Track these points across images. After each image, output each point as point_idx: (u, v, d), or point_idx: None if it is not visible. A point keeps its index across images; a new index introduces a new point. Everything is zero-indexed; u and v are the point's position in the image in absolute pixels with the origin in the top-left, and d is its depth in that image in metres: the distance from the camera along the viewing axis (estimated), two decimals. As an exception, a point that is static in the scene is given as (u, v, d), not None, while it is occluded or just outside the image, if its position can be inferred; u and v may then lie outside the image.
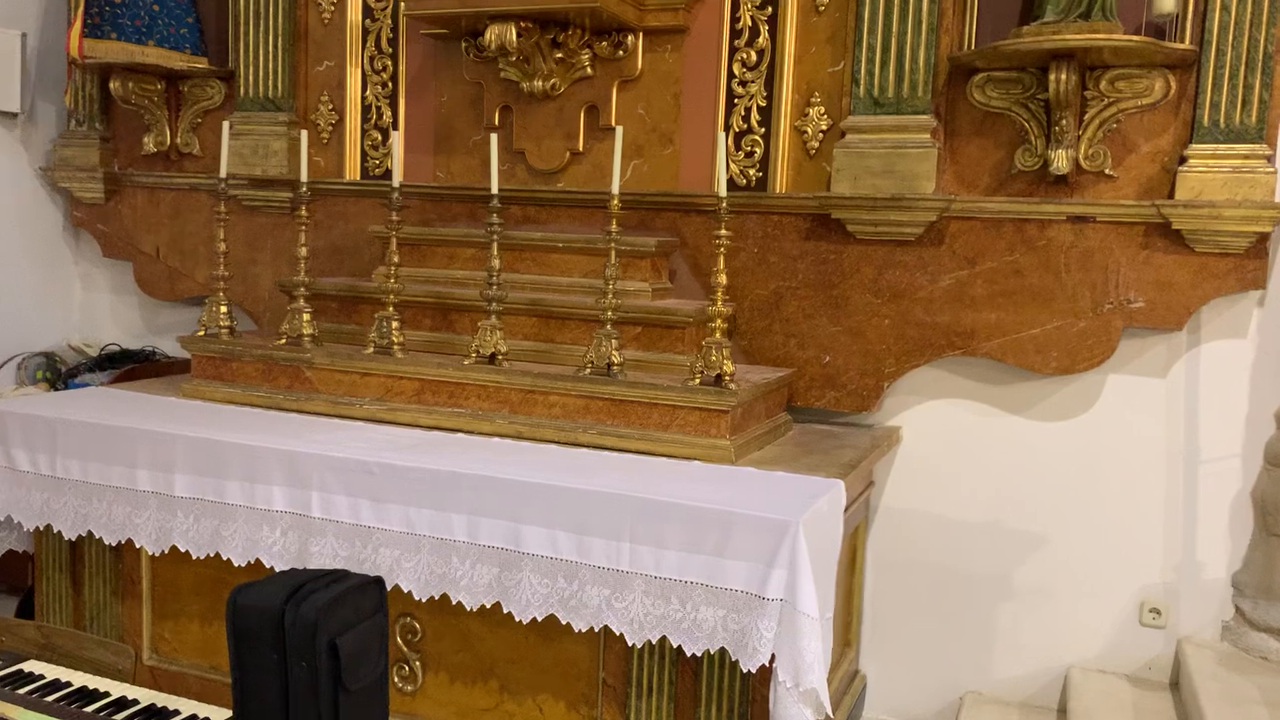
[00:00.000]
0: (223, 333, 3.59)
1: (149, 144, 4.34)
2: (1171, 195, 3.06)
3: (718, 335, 2.98)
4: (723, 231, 2.95)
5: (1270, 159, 2.97)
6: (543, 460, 2.87)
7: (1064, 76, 2.99)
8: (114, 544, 3.24)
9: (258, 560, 2.94)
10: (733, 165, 3.57)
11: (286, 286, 3.60)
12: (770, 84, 3.53)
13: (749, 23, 3.53)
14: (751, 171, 3.58)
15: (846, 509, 2.82)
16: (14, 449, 3.23)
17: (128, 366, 4.20)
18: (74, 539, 3.22)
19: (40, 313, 4.58)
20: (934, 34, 3.23)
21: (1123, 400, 3.30)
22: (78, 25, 4.00)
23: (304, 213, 3.50)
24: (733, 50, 3.57)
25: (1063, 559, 3.39)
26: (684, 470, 2.82)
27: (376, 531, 2.81)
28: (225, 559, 2.97)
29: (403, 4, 3.84)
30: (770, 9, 3.50)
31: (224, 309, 3.60)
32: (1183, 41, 3.03)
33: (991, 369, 3.41)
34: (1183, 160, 3.05)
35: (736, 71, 3.57)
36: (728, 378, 2.96)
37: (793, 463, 2.97)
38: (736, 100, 3.57)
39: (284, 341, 3.48)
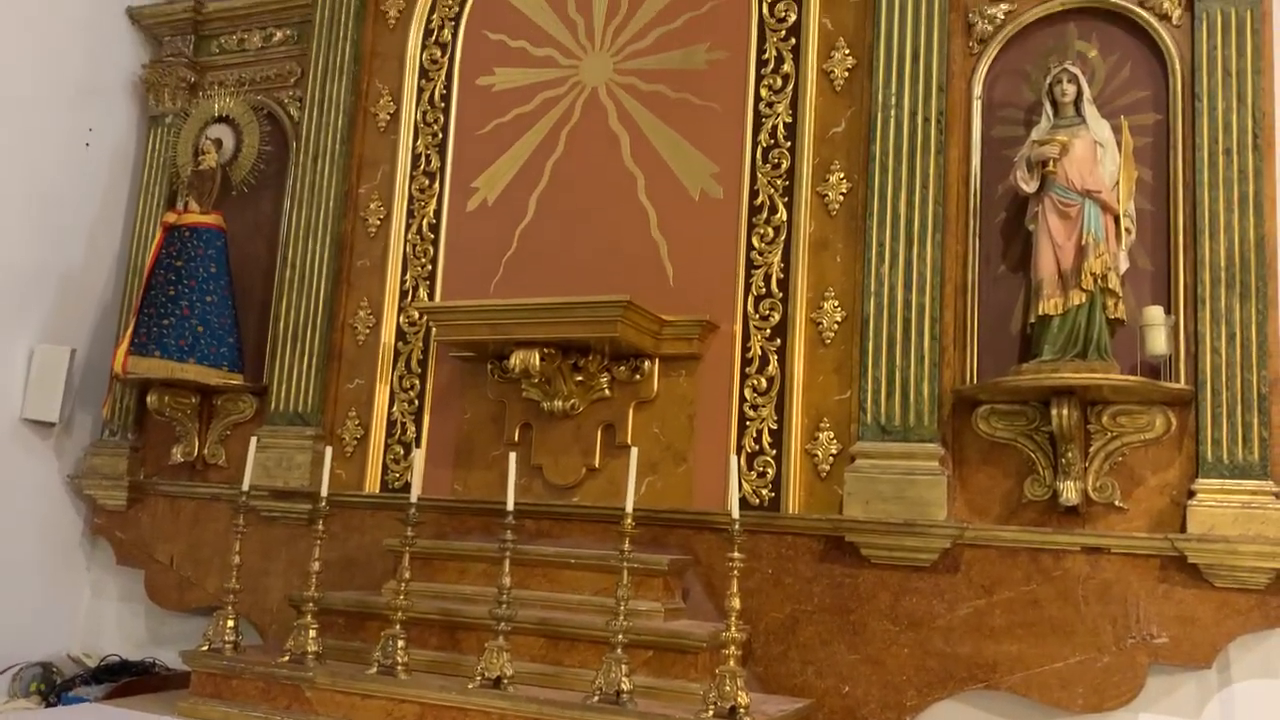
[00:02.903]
0: (227, 648, 3.52)
1: (177, 454, 4.47)
2: (1183, 529, 3.06)
3: (731, 663, 2.90)
4: (736, 554, 2.95)
5: (1278, 495, 2.99)
6: (546, 800, 2.70)
7: (1065, 412, 3.09)
8: None
9: None
10: (745, 485, 3.62)
11: (296, 601, 3.57)
12: (781, 408, 3.64)
13: (759, 352, 3.71)
14: (764, 491, 3.62)
15: None
16: (-7, 773, 3.09)
17: (125, 680, 4.08)
18: None
19: (46, 620, 4.53)
20: (936, 368, 3.37)
21: (1158, 743, 3.13)
22: (125, 344, 4.25)
23: (320, 528, 3.54)
24: (744, 376, 3.72)
25: None
26: (695, 815, 2.65)
27: None
28: None
29: (435, 329, 4.07)
30: (779, 340, 3.68)
31: (230, 623, 3.56)
32: (1178, 381, 3.15)
33: (1017, 704, 3.26)
34: (1191, 494, 3.08)
35: (748, 396, 3.70)
36: (743, 710, 2.85)
37: (811, 807, 2.79)
38: (748, 423, 3.68)
39: (287, 659, 3.40)
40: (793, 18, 3.84)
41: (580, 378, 3.87)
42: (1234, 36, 3.22)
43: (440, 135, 4.37)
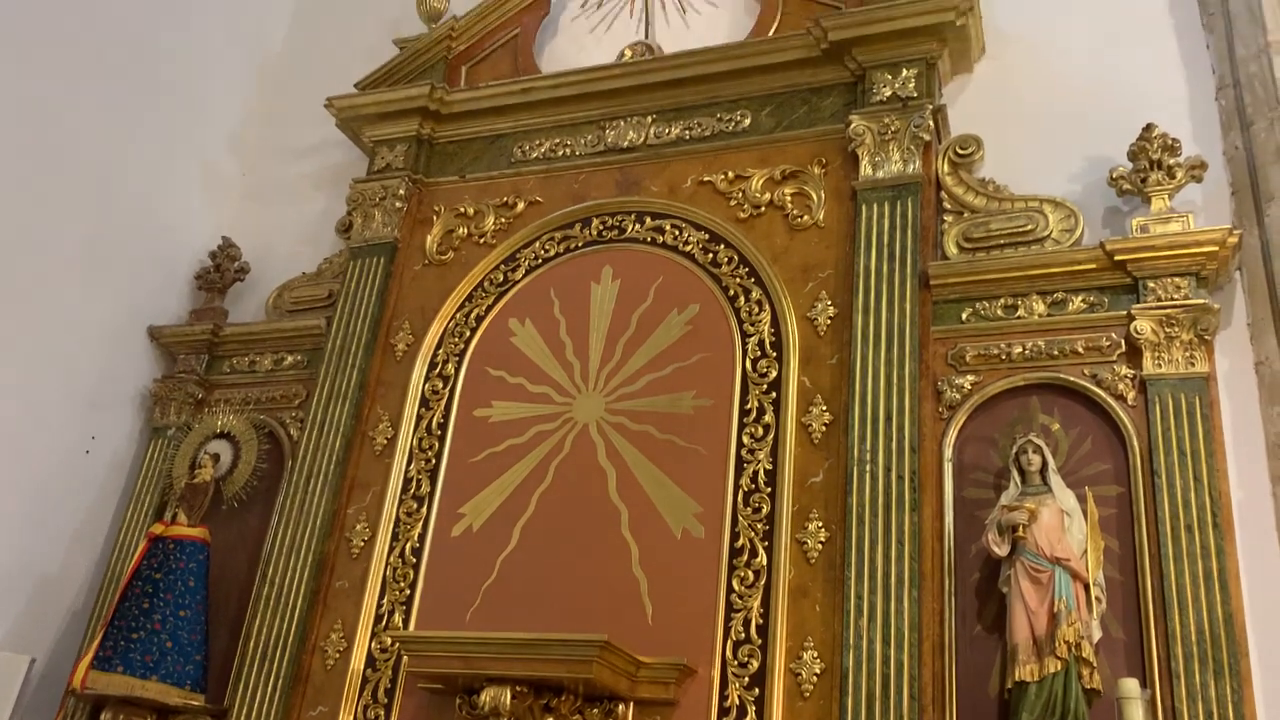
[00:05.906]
0: None
1: (120, 779, 4.23)
2: None
3: None
4: None
5: None
6: None
7: (1050, 787, 3.02)
8: None
9: None
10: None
11: None
12: (764, 760, 3.53)
13: (737, 702, 3.63)
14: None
15: None
16: None
17: None
18: None
19: None
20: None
21: None
22: (88, 658, 4.13)
23: None
24: (723, 730, 3.63)
25: None
26: None
27: None
28: None
29: (406, 658, 3.99)
30: (758, 689, 3.62)
31: None
32: (1159, 764, 3.09)
33: None
34: None
35: (731, 748, 3.60)
36: None
37: None
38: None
39: None
40: (774, 374, 4.09)
41: (551, 719, 3.76)
42: (1185, 419, 3.45)
43: (434, 461, 4.49)
